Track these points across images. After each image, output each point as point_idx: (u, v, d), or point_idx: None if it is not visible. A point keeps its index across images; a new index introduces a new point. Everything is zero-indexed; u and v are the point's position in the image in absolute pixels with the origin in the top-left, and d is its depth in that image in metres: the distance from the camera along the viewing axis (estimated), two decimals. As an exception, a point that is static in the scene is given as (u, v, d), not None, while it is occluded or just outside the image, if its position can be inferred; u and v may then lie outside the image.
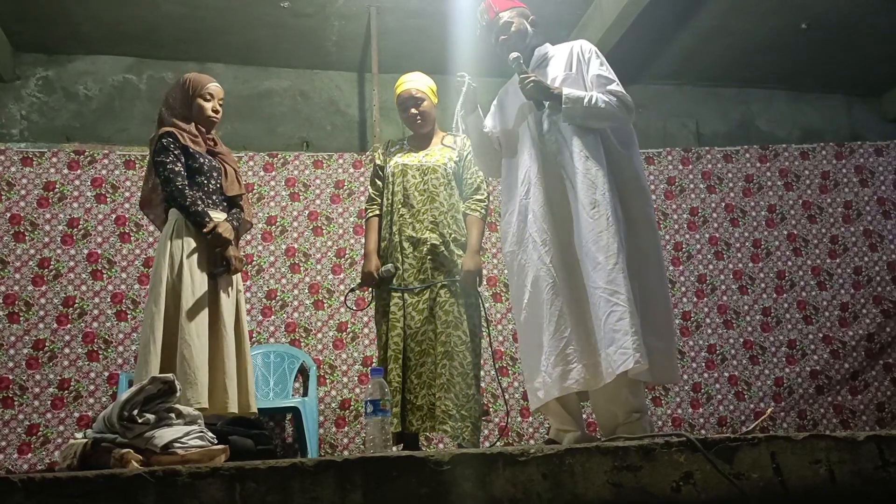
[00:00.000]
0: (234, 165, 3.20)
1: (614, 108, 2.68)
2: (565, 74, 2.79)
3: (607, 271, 2.53)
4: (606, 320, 2.51)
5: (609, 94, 2.69)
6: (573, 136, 2.70)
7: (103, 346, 4.42)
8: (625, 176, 2.71)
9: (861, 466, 1.67)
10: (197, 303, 2.89)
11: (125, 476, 1.42)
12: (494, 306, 4.89)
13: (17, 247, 4.46)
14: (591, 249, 2.57)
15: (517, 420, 4.73)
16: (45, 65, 5.20)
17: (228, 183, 3.12)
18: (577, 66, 2.80)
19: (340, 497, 1.46)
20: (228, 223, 3.03)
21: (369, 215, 3.44)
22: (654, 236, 2.77)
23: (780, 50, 5.64)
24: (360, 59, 5.51)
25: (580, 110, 2.66)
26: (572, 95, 2.68)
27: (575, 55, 2.82)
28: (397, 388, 3.10)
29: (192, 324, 2.85)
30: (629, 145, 2.79)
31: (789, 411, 4.95)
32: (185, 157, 3.01)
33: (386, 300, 3.26)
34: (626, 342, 2.46)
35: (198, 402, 2.75)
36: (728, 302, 5.13)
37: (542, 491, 1.54)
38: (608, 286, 2.52)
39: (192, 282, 2.91)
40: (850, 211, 5.34)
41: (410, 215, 3.28)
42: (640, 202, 2.73)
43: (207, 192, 3.04)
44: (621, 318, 2.48)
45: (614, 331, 2.49)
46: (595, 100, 2.66)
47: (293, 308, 4.70)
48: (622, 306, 2.49)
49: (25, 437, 4.21)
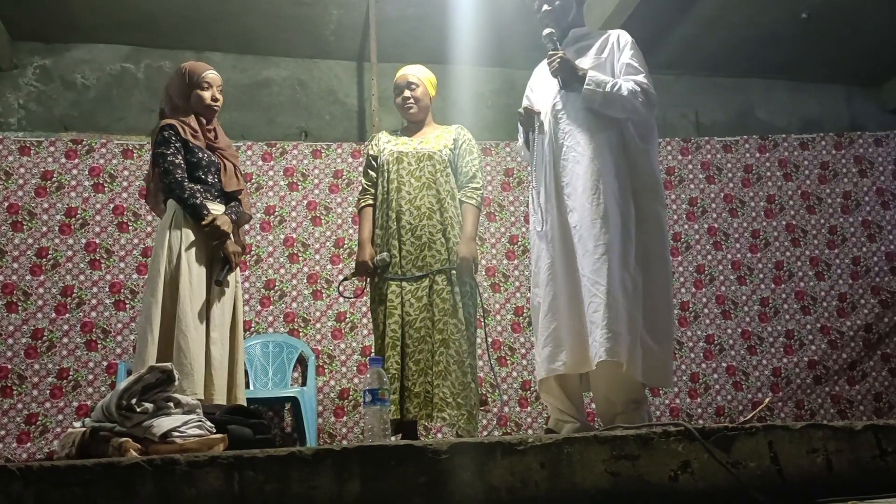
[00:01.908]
0: (233, 160, 3.19)
1: (636, 100, 2.65)
2: (595, 59, 2.77)
3: (594, 260, 2.54)
4: (587, 308, 2.54)
5: (634, 84, 2.66)
6: (591, 121, 2.69)
7: (102, 336, 4.42)
8: (640, 171, 2.70)
9: (858, 455, 1.67)
10: (194, 294, 2.89)
11: (123, 464, 1.42)
12: (493, 296, 4.89)
13: (15, 236, 4.46)
14: (583, 235, 2.59)
15: (516, 410, 4.74)
16: (42, 53, 5.17)
17: (227, 178, 3.12)
18: (609, 53, 2.78)
19: (338, 486, 1.46)
20: (227, 216, 3.03)
21: (363, 205, 3.41)
22: (662, 237, 2.75)
23: (780, 40, 5.62)
24: (358, 49, 5.49)
25: (600, 95, 2.64)
26: (596, 79, 2.66)
27: (610, 43, 2.80)
28: (395, 376, 3.10)
29: (189, 314, 2.85)
30: (649, 140, 2.78)
31: (787, 401, 4.97)
32: (184, 151, 3.00)
33: (382, 288, 3.25)
34: (597, 335, 2.48)
35: (193, 392, 2.76)
36: (726, 292, 5.13)
37: (540, 480, 1.55)
38: (592, 275, 2.54)
39: (190, 272, 2.91)
40: (849, 201, 5.34)
41: (407, 203, 3.27)
42: (652, 200, 2.72)
43: (206, 187, 3.04)
44: (597, 310, 2.50)
45: (591, 322, 2.52)
46: (619, 87, 2.64)
47: (292, 298, 4.70)
48: (600, 298, 2.50)
49: (24, 426, 4.21)
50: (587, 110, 2.70)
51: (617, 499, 1.55)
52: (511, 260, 4.98)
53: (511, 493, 1.53)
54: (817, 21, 5.39)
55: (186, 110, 3.09)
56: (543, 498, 1.54)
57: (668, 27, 5.48)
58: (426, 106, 3.44)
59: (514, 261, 4.98)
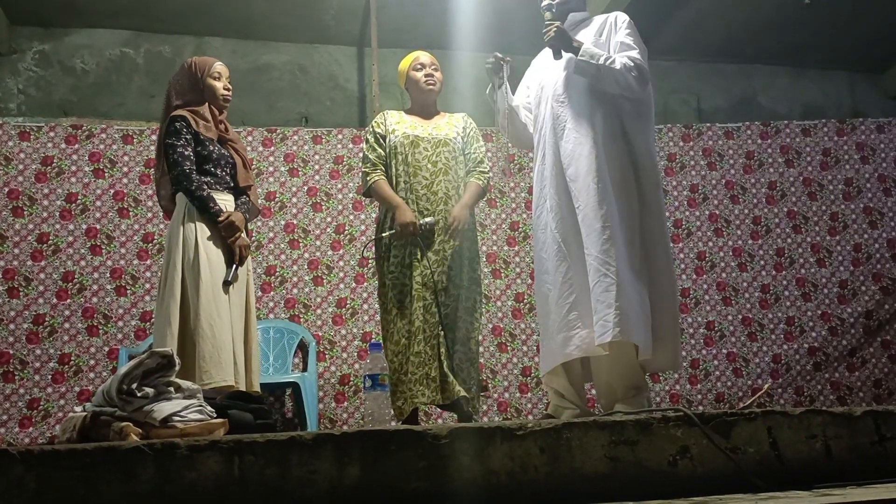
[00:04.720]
0: (243, 153, 3.20)
1: (628, 75, 2.64)
2: (594, 40, 2.77)
3: (602, 240, 2.54)
4: (594, 289, 2.53)
5: (627, 59, 2.65)
6: (589, 101, 2.69)
7: (103, 322, 4.43)
8: (639, 153, 2.70)
9: (857, 441, 1.68)
10: (216, 284, 2.90)
11: (124, 448, 1.43)
12: (494, 283, 4.89)
13: (16, 221, 4.45)
14: (589, 216, 2.58)
15: (516, 396, 4.75)
16: (41, 38, 5.15)
17: (241, 174, 3.14)
18: (607, 33, 2.79)
19: (338, 470, 1.47)
20: (240, 213, 3.04)
21: (376, 178, 3.29)
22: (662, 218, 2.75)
23: (782, 26, 5.58)
24: (359, 34, 5.46)
25: (593, 68, 2.64)
26: (590, 51, 2.66)
27: (608, 24, 2.81)
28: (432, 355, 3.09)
29: (214, 303, 2.85)
30: (647, 123, 2.78)
31: (787, 388, 4.97)
32: (195, 143, 3.00)
33: (407, 253, 3.22)
34: (607, 315, 2.47)
35: (224, 380, 2.77)
36: (727, 279, 5.13)
37: (540, 465, 1.55)
38: (600, 255, 2.53)
39: (210, 263, 2.92)
40: (851, 188, 5.33)
41: (424, 188, 3.25)
42: (651, 182, 2.72)
43: (215, 180, 3.05)
44: (607, 290, 2.50)
45: (598, 301, 2.51)
46: (612, 61, 2.64)
47: (292, 284, 4.71)
48: (610, 277, 2.50)
49: (26, 411, 4.23)
50: (588, 94, 2.69)
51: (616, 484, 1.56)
52: (512, 246, 4.98)
53: (511, 478, 1.54)
54: (820, 7, 5.35)
55: (199, 102, 3.09)
56: (543, 483, 1.55)
57: (670, 12, 5.44)
58: (440, 90, 3.43)
59: (515, 247, 4.97)
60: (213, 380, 2.74)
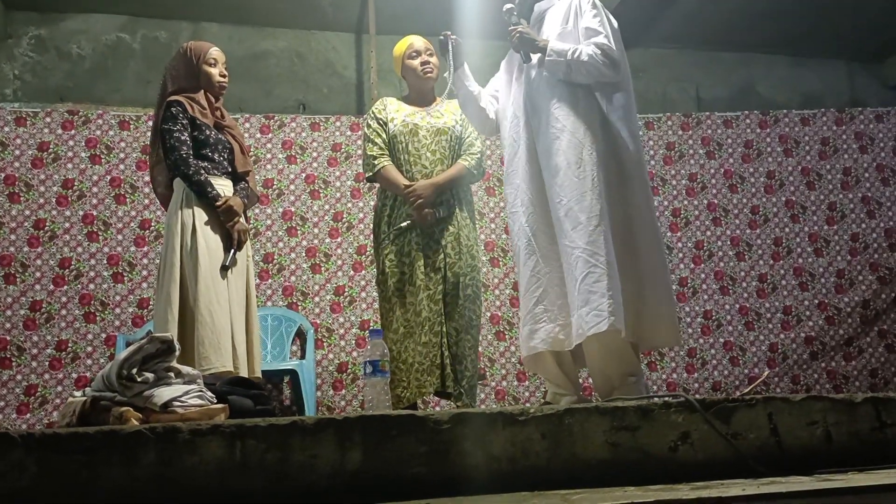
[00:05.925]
0: (240, 139, 3.19)
1: (598, 63, 2.60)
2: (561, 29, 2.72)
3: (588, 232, 2.51)
4: (583, 280, 2.49)
5: (594, 48, 2.61)
6: (564, 93, 2.65)
7: (100, 308, 4.42)
8: (620, 136, 2.67)
9: (858, 427, 1.69)
10: (215, 269, 2.89)
11: (125, 432, 1.43)
12: (492, 271, 4.89)
13: (13, 207, 4.44)
14: (573, 209, 2.54)
15: (514, 384, 4.76)
16: (37, 23, 5.11)
17: (239, 159, 3.12)
18: (573, 19, 2.73)
19: (340, 455, 1.47)
20: (238, 198, 3.03)
21: (384, 163, 3.25)
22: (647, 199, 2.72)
23: (782, 15, 5.56)
24: (357, 20, 5.43)
25: (563, 64, 2.62)
26: (556, 48, 2.63)
27: (573, 8, 2.74)
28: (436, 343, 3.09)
29: (213, 289, 2.85)
30: (626, 105, 2.74)
31: (783, 377, 4.99)
32: (191, 128, 2.99)
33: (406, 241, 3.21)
34: (601, 304, 2.45)
35: (223, 365, 2.77)
36: (725, 268, 5.14)
37: (541, 450, 1.55)
38: (588, 247, 2.50)
39: (209, 248, 2.91)
40: (849, 177, 5.33)
41: (423, 177, 3.23)
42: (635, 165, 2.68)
43: (212, 165, 3.04)
44: (598, 280, 2.47)
45: (590, 292, 2.47)
46: (579, 53, 2.60)
47: (290, 272, 4.70)
48: (601, 268, 2.48)
49: (24, 397, 4.22)
50: (562, 86, 2.66)
51: (617, 469, 1.56)
52: (509, 235, 4.97)
53: (512, 463, 1.54)
54: (820, -5, 5.34)
55: (195, 88, 3.07)
56: (544, 468, 1.55)
57: (670, 1, 5.42)
58: (437, 76, 3.40)
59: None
60: (213, 365, 2.74)
